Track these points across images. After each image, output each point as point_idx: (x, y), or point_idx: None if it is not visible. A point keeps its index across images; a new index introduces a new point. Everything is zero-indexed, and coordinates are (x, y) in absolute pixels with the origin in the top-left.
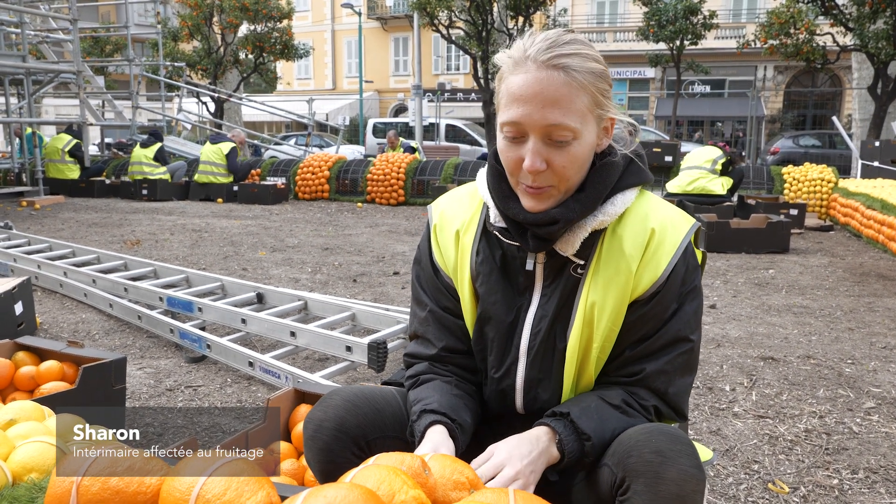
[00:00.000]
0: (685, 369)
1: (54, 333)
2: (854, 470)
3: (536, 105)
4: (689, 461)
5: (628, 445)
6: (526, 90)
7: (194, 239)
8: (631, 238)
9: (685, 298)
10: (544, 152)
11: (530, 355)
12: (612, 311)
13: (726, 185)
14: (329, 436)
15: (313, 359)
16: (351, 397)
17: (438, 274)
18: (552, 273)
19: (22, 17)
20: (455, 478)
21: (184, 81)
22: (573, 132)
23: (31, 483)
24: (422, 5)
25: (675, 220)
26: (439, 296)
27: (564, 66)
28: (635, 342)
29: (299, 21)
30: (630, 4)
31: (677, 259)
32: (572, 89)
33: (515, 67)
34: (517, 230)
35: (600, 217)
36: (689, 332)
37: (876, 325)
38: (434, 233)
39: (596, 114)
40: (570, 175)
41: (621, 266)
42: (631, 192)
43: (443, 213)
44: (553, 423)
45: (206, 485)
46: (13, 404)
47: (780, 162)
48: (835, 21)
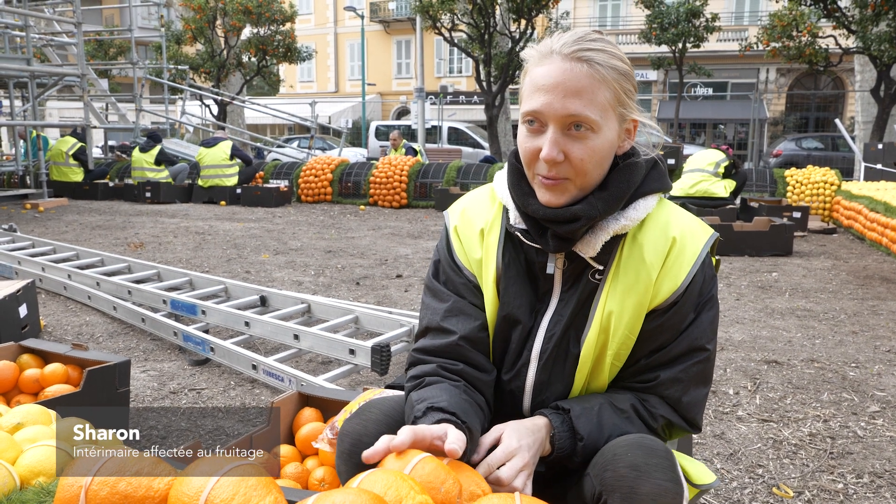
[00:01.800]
0: (700, 379)
1: (58, 336)
2: (859, 474)
3: (558, 94)
4: (664, 475)
5: (607, 458)
6: (549, 80)
7: (198, 241)
8: (652, 246)
9: (702, 308)
10: (562, 143)
11: (542, 359)
12: (630, 319)
13: (729, 188)
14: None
15: (316, 362)
16: (389, 412)
17: (461, 271)
18: (571, 278)
19: (26, 21)
20: (472, 489)
21: (187, 84)
22: (593, 124)
23: (39, 487)
24: (424, 8)
25: (695, 230)
26: (462, 290)
27: (588, 59)
28: (652, 351)
29: (302, 24)
30: (632, 7)
31: (696, 269)
32: (595, 81)
33: (541, 60)
34: (537, 230)
35: (623, 221)
36: (705, 342)
37: (880, 328)
38: (455, 233)
39: (618, 111)
40: (588, 169)
41: (641, 274)
42: (653, 198)
43: (464, 214)
44: (552, 416)
45: (215, 489)
46: (20, 408)
47: (782, 164)
48: (837, 24)
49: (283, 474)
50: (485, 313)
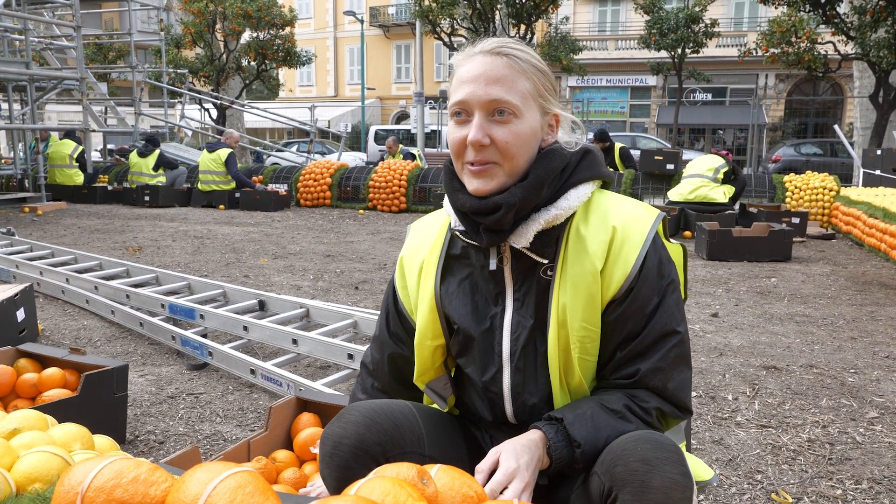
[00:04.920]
0: (680, 362)
1: (56, 340)
2: (858, 480)
3: (480, 83)
4: (675, 468)
5: (615, 454)
6: (472, 73)
7: (196, 245)
8: (594, 237)
9: (665, 291)
10: (487, 127)
11: (513, 361)
12: (584, 310)
13: (728, 194)
14: (348, 453)
15: (315, 366)
16: (370, 413)
17: (399, 308)
18: (521, 276)
19: (26, 24)
20: (464, 491)
21: (186, 88)
22: (515, 109)
23: (35, 493)
24: (424, 13)
25: (637, 215)
26: (396, 321)
27: (508, 54)
28: (623, 342)
29: (302, 28)
30: (632, 13)
31: (646, 252)
32: (514, 72)
33: (465, 60)
34: (472, 227)
35: (554, 211)
36: (675, 325)
37: (878, 334)
38: (401, 263)
39: (538, 102)
40: (514, 153)
41: (586, 265)
42: (585, 187)
43: (410, 241)
44: (545, 427)
45: (211, 497)
46: (17, 413)
47: (781, 170)
48: (836, 30)
49: (280, 480)
50: (402, 345)
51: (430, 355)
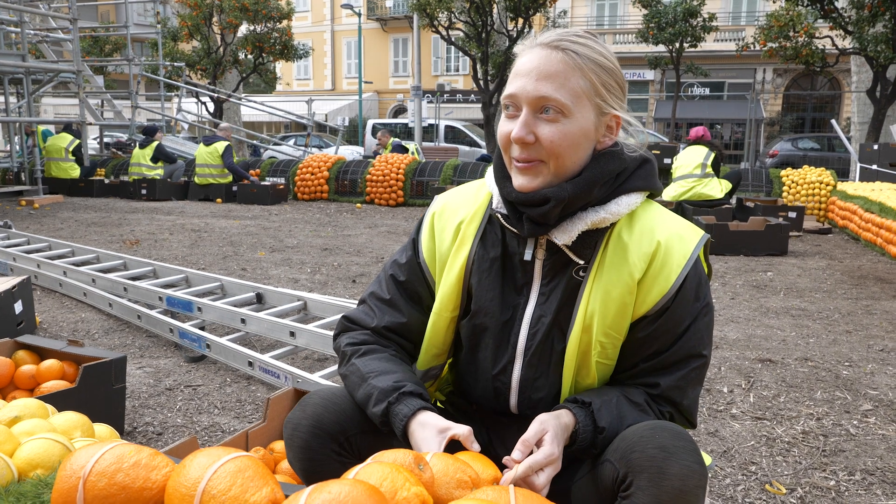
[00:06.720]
0: (697, 383)
1: (54, 332)
2: (851, 472)
3: (531, 78)
4: (692, 457)
5: (631, 441)
6: (526, 66)
7: (193, 239)
8: (636, 247)
9: (698, 314)
10: (532, 124)
11: (527, 355)
12: (614, 318)
13: (725, 188)
14: (307, 433)
15: (312, 359)
16: (328, 395)
17: (420, 260)
18: (552, 271)
19: (21, 17)
20: (458, 476)
21: (183, 81)
22: (563, 108)
23: (37, 479)
24: (421, 6)
25: (684, 233)
26: (413, 277)
27: (565, 49)
28: (649, 356)
29: (299, 21)
30: (630, 6)
31: (686, 272)
32: (568, 67)
33: (524, 51)
34: (514, 214)
35: (602, 214)
36: (702, 349)
37: (873, 327)
38: (432, 219)
39: (594, 101)
40: (559, 152)
41: (623, 274)
42: (637, 196)
43: (446, 203)
44: (576, 410)
45: (212, 480)
46: (17, 401)
47: (778, 165)
48: (834, 24)
49: (278, 470)
50: (420, 308)
51: (444, 328)
